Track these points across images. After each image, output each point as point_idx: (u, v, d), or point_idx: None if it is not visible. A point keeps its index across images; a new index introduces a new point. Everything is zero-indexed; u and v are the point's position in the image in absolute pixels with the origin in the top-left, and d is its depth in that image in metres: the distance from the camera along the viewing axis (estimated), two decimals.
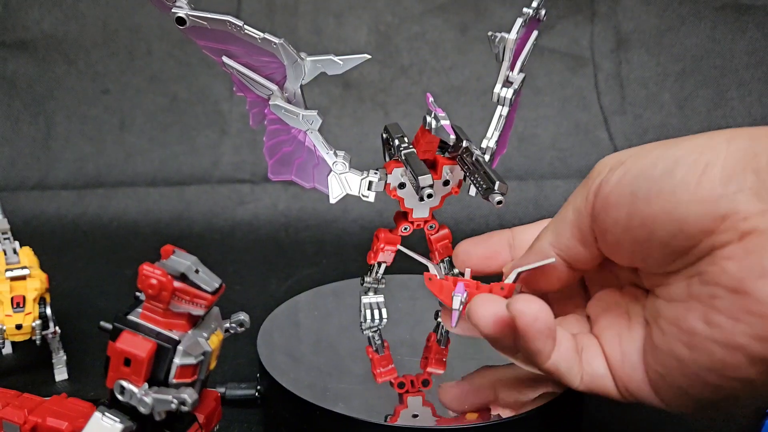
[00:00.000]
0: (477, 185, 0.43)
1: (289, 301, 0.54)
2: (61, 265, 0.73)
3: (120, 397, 0.33)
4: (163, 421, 0.33)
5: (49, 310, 0.53)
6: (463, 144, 0.44)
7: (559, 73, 0.92)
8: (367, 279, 0.51)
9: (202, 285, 0.32)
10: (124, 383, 0.32)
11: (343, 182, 0.47)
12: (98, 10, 0.90)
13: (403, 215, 0.48)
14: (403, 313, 0.52)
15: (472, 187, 0.46)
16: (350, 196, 0.47)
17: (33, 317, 0.52)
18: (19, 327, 0.51)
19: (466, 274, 0.45)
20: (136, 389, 0.32)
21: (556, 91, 0.92)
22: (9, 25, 0.89)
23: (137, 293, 0.34)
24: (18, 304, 0.52)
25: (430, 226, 0.48)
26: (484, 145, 0.47)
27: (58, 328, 0.53)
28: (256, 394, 0.49)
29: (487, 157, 0.47)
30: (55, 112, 0.91)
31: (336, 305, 0.54)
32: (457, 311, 0.43)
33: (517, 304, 0.36)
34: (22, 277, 0.53)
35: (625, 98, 0.92)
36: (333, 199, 0.47)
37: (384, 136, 0.47)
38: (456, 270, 0.47)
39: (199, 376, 0.34)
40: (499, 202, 0.41)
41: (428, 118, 0.42)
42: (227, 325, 0.36)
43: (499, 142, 0.48)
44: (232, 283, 0.69)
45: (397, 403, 0.43)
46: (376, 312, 0.51)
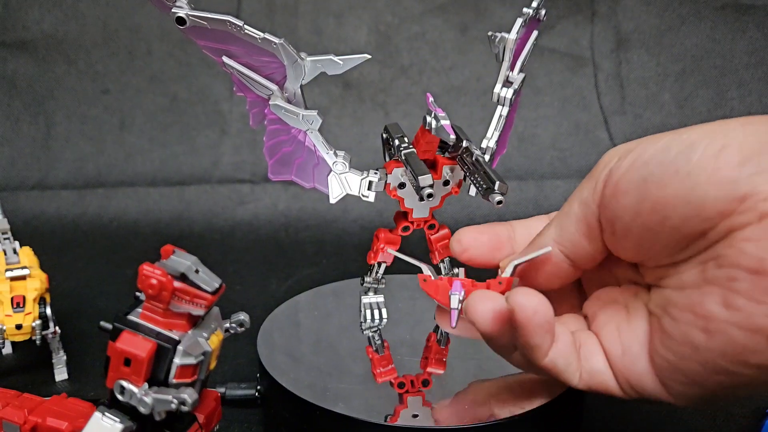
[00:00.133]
0: (477, 185, 0.42)
1: (289, 301, 0.54)
2: (61, 265, 0.73)
3: (120, 397, 0.33)
4: (163, 421, 0.33)
5: (49, 310, 0.53)
6: (463, 144, 0.44)
7: (559, 73, 0.92)
8: (367, 279, 0.51)
9: (202, 285, 0.32)
10: (124, 383, 0.32)
11: (343, 182, 0.47)
12: (98, 10, 0.90)
13: (403, 215, 0.48)
14: (403, 313, 0.52)
15: (472, 187, 0.46)
16: (350, 196, 0.47)
17: (33, 317, 0.52)
18: (19, 327, 0.51)
19: (460, 273, 0.45)
20: (136, 389, 0.32)
21: (556, 91, 0.92)
22: (9, 25, 0.89)
23: (137, 293, 0.34)
24: (18, 304, 0.52)
25: (430, 226, 0.48)
26: (484, 145, 0.47)
27: (58, 328, 0.53)
28: (256, 394, 0.49)
29: (487, 157, 0.47)
30: (55, 112, 0.91)
31: (336, 305, 0.54)
32: (456, 310, 0.42)
33: (517, 297, 0.36)
34: (22, 277, 0.53)
35: (625, 98, 0.92)
36: (333, 199, 0.47)
37: (384, 136, 0.47)
38: (456, 270, 0.47)
39: (199, 376, 0.34)
40: (499, 202, 0.41)
41: (428, 118, 0.42)
42: (227, 325, 0.36)
43: (499, 142, 0.48)
44: (232, 283, 0.69)
45: (397, 403, 0.43)
46: (376, 312, 0.51)
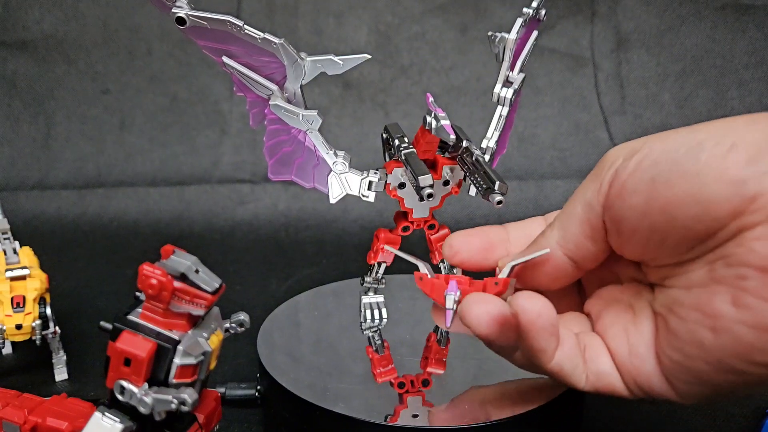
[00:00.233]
0: (477, 185, 0.42)
1: (289, 301, 0.54)
2: (61, 265, 0.73)
3: (120, 397, 0.33)
4: (163, 421, 0.33)
5: (49, 310, 0.53)
6: (463, 144, 0.44)
7: (559, 73, 0.92)
8: (367, 279, 0.51)
9: (202, 285, 0.32)
10: (124, 383, 0.32)
11: (343, 182, 0.47)
12: (98, 10, 0.90)
13: (403, 215, 0.48)
14: (403, 313, 0.52)
15: (472, 187, 0.46)
16: (350, 196, 0.47)
17: (33, 317, 0.52)
18: (19, 327, 0.51)
19: (458, 272, 0.45)
20: (136, 389, 0.32)
21: (556, 91, 0.92)
22: (9, 25, 0.89)
23: (137, 293, 0.34)
24: (18, 304, 0.52)
25: (430, 226, 0.48)
26: (484, 145, 0.47)
27: (58, 328, 0.53)
28: (256, 394, 0.49)
29: (487, 157, 0.47)
30: (55, 112, 0.91)
31: (336, 305, 0.54)
32: (451, 310, 0.41)
33: (519, 301, 0.35)
34: (22, 277, 0.53)
35: (625, 98, 0.92)
36: (333, 199, 0.47)
37: (384, 136, 0.47)
38: (456, 270, 0.47)
39: (199, 376, 0.34)
40: (499, 202, 0.41)
41: (428, 118, 0.42)
42: (227, 325, 0.36)
43: (499, 142, 0.48)
44: (232, 283, 0.69)
45: (397, 403, 0.43)
46: (376, 312, 0.51)
